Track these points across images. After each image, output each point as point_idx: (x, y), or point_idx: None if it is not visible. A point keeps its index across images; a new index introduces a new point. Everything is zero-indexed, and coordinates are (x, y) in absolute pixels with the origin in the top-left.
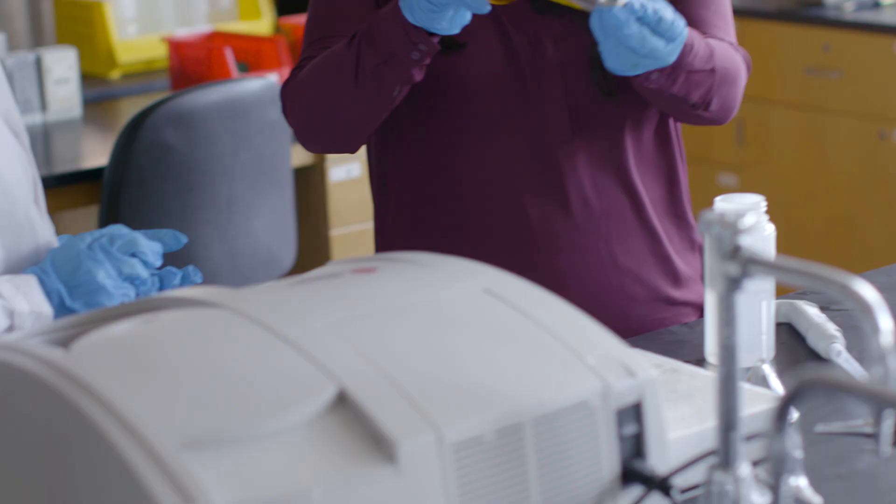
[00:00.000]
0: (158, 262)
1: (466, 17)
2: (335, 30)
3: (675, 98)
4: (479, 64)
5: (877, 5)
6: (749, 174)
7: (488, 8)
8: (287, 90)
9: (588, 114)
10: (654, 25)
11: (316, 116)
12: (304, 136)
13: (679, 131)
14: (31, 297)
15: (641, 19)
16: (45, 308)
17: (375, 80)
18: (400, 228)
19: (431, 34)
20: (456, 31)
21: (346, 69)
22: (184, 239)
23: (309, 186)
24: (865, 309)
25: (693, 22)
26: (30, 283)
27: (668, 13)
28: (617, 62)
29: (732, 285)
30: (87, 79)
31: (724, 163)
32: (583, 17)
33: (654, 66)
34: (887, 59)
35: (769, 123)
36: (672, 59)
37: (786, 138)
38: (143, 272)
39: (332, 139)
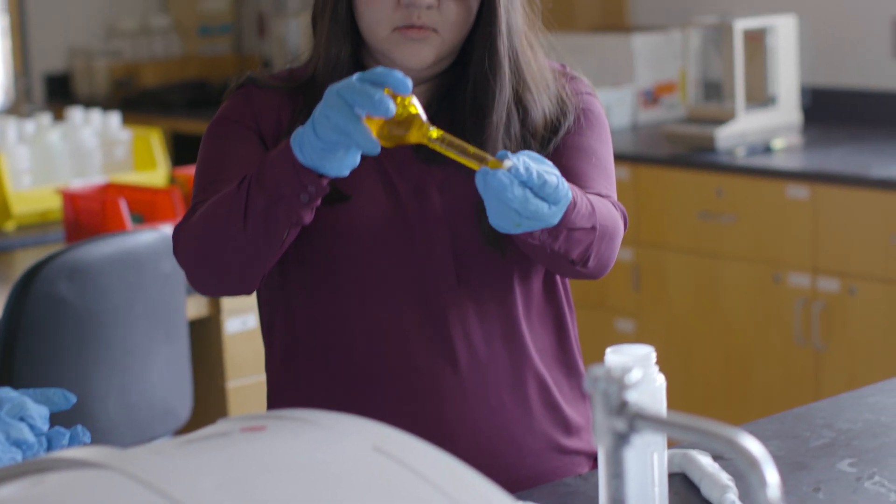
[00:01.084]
0: (46, 426)
1: (356, 160)
2: (225, 174)
3: (555, 254)
4: (364, 215)
5: (768, 150)
6: (646, 319)
7: (378, 150)
8: (179, 232)
9: (475, 263)
10: (538, 189)
11: (206, 258)
12: (195, 278)
13: (566, 280)
14: None
15: (525, 183)
16: None
17: (264, 222)
18: (288, 377)
19: (321, 176)
20: (345, 173)
21: (234, 211)
22: (73, 398)
23: (205, 338)
24: (752, 463)
25: (572, 175)
26: None
27: (553, 178)
28: (500, 221)
29: (620, 440)
30: None
31: (621, 308)
32: (468, 167)
33: (537, 227)
34: (780, 203)
35: (664, 268)
36: (556, 220)
37: (681, 283)
38: (31, 437)
39: (221, 281)
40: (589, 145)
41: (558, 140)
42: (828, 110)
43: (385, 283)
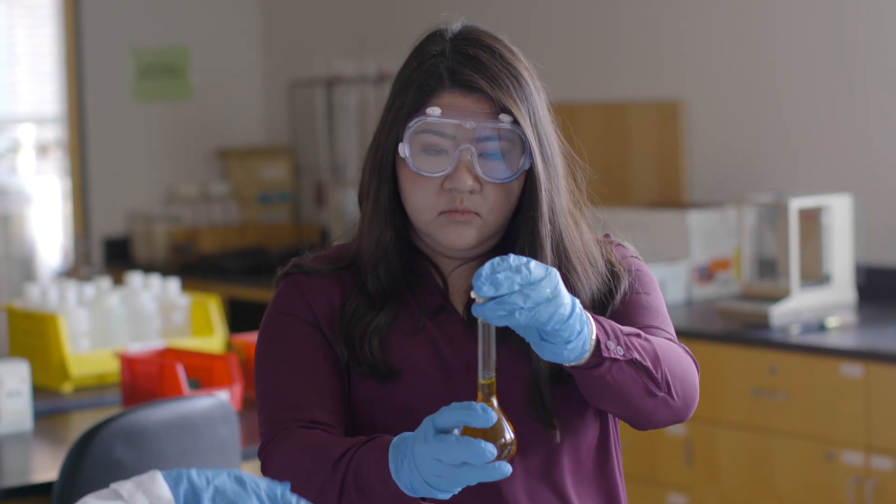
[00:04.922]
0: None
1: None
2: (296, 384)
3: (627, 375)
4: (416, 391)
5: (822, 328)
6: (698, 494)
7: (506, 473)
8: (267, 460)
9: (527, 440)
10: (524, 282)
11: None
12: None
13: (619, 454)
14: (151, 490)
15: (498, 279)
16: (166, 497)
17: None
18: None
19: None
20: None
21: (329, 493)
22: None
23: None
24: None
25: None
26: (153, 478)
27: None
28: (531, 339)
29: None
30: (39, 391)
31: (673, 483)
32: (520, 343)
33: (566, 328)
34: (833, 380)
35: (717, 443)
36: (565, 305)
37: (734, 459)
38: None
39: None
40: (649, 303)
41: (616, 305)
42: (882, 289)
43: None
